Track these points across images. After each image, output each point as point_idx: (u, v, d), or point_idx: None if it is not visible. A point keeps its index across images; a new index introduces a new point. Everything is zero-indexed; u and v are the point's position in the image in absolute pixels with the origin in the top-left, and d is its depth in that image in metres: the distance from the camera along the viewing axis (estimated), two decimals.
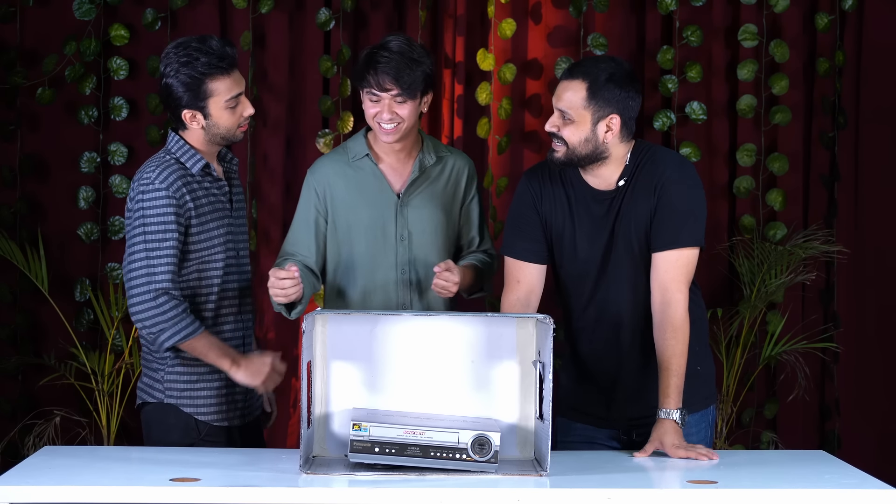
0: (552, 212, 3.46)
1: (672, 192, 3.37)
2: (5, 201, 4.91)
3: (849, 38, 5.01)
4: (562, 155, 3.38)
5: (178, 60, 3.41)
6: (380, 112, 3.55)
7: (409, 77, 3.51)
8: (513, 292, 3.49)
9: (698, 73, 4.95)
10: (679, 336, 3.33)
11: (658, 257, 3.38)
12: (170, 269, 3.38)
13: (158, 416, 3.49)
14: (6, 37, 4.92)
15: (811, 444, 4.97)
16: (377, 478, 2.96)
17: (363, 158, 3.67)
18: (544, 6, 4.98)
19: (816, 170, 5.04)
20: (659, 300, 3.36)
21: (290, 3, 4.96)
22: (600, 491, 2.85)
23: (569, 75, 3.37)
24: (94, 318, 4.89)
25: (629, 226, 3.40)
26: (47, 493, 2.82)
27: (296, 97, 4.98)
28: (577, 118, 3.34)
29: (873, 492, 2.88)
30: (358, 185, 3.66)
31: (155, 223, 3.39)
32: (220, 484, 2.88)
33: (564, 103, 3.35)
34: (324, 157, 3.77)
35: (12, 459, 4.60)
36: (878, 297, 5.04)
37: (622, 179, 3.41)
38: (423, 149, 3.68)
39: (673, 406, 3.28)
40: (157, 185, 3.40)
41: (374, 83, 3.52)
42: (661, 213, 3.37)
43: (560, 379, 3.59)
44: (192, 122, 3.47)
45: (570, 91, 3.35)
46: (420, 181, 3.67)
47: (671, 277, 3.36)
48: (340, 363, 3.23)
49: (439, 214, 3.67)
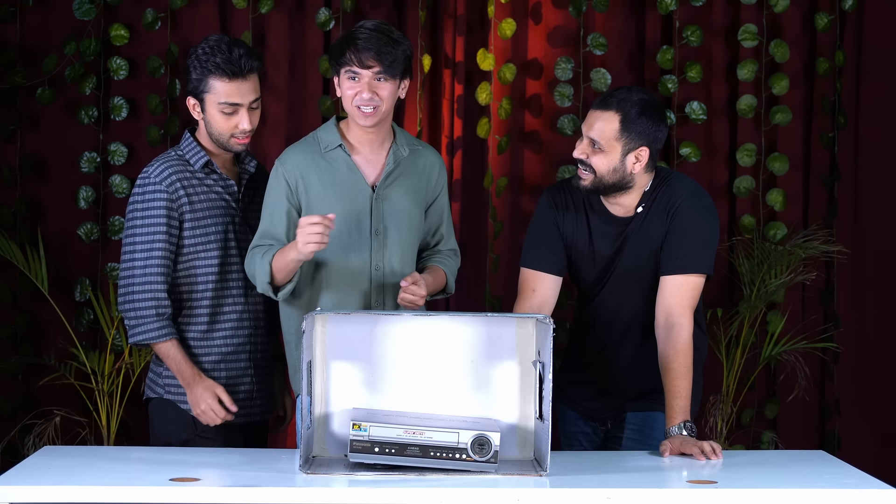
0: (573, 230, 3.56)
1: (684, 218, 3.45)
2: (5, 201, 4.90)
3: (849, 38, 5.01)
4: (588, 183, 3.46)
5: (203, 49, 3.53)
6: (360, 92, 3.47)
7: (391, 54, 3.46)
8: (526, 300, 3.56)
9: (698, 73, 4.95)
10: (682, 360, 3.39)
11: (665, 281, 3.45)
12: (156, 264, 3.51)
13: (159, 410, 3.60)
14: (6, 37, 4.92)
15: (811, 444, 4.97)
16: (377, 478, 2.96)
17: (336, 149, 3.58)
18: (544, 6, 4.98)
19: (816, 170, 5.03)
20: (663, 323, 3.43)
21: (290, 3, 4.96)
22: (600, 491, 2.85)
23: (602, 105, 3.44)
24: (94, 318, 4.89)
25: (636, 249, 3.49)
26: (47, 493, 2.82)
27: (296, 97, 4.97)
28: (607, 148, 3.41)
29: (873, 492, 2.88)
30: (331, 176, 3.56)
31: (143, 217, 3.52)
32: (220, 484, 2.89)
33: (596, 133, 3.42)
34: (293, 147, 3.64)
35: (12, 459, 4.60)
36: (878, 297, 5.04)
37: (640, 206, 3.49)
38: (396, 140, 3.61)
39: (678, 422, 3.35)
40: (153, 178, 3.55)
41: (356, 60, 3.45)
42: (672, 237, 3.46)
43: (559, 369, 3.72)
44: (194, 111, 3.59)
45: (602, 121, 3.42)
46: (395, 174, 3.60)
47: (676, 302, 3.43)
48: (340, 363, 3.23)
49: (414, 209, 3.61)
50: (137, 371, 4.73)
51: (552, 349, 3.02)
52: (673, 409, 3.36)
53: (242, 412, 3.57)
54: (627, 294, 3.55)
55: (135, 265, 3.53)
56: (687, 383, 3.38)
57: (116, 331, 4.76)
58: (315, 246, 3.33)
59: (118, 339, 4.78)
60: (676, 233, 3.45)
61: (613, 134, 3.41)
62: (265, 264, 3.47)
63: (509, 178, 4.95)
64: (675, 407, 3.36)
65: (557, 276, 3.57)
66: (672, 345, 3.40)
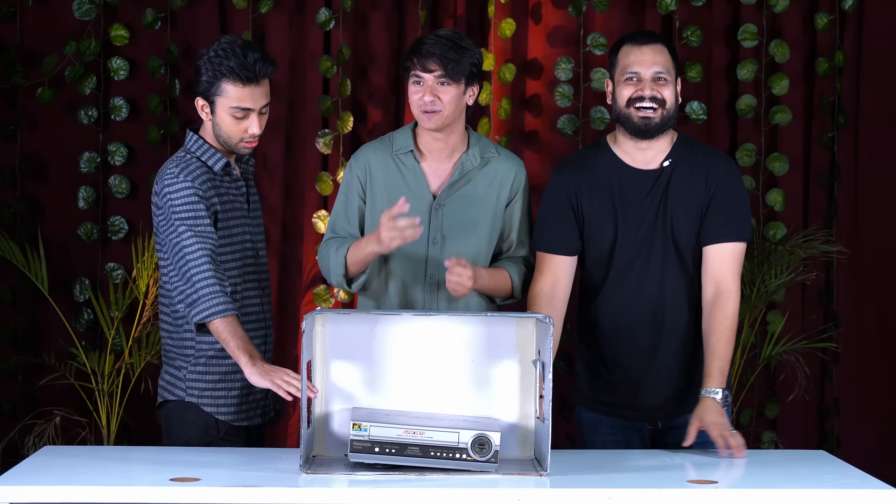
0: (591, 200, 3.52)
1: (730, 186, 3.49)
2: (5, 201, 4.91)
3: (849, 39, 5.01)
4: (659, 118, 3.48)
5: (215, 51, 3.45)
6: (422, 95, 3.51)
7: (454, 60, 3.49)
8: (538, 283, 3.53)
9: (698, 73, 4.95)
10: (728, 323, 3.39)
11: (712, 249, 3.46)
12: (210, 250, 3.36)
13: (179, 413, 3.49)
14: (6, 37, 4.92)
15: (811, 444, 4.97)
16: (377, 478, 2.96)
17: (407, 153, 3.61)
18: (544, 6, 4.98)
19: (816, 170, 5.03)
20: (712, 291, 3.43)
21: (290, 3, 4.96)
22: (600, 491, 2.85)
23: (650, 40, 3.51)
24: (94, 318, 4.89)
25: (676, 210, 3.47)
26: (47, 493, 2.82)
27: (296, 97, 4.97)
28: (670, 79, 3.48)
29: (873, 492, 2.88)
30: (396, 179, 3.60)
31: (186, 210, 3.39)
32: (220, 484, 2.88)
33: (662, 64, 3.48)
34: (367, 145, 3.70)
35: (12, 459, 4.60)
36: (878, 297, 5.04)
37: (667, 160, 3.50)
38: (469, 149, 3.62)
39: (715, 385, 3.34)
40: (182, 178, 3.41)
41: (419, 64, 3.50)
42: (719, 205, 3.47)
43: (580, 371, 3.63)
44: (202, 112, 3.51)
45: (659, 54, 3.49)
46: (459, 184, 3.60)
47: (727, 270, 3.44)
48: (340, 363, 3.23)
49: (476, 218, 3.60)
50: (137, 371, 4.73)
51: (552, 349, 3.03)
52: (712, 368, 3.34)
53: (259, 412, 3.57)
54: (668, 263, 3.49)
55: (188, 253, 3.34)
56: (729, 347, 3.38)
57: (116, 331, 4.77)
58: (399, 241, 3.39)
59: (118, 339, 4.78)
60: (725, 201, 3.47)
61: (670, 64, 3.50)
62: (340, 258, 3.53)
63: None
64: (714, 367, 3.34)
65: (570, 257, 3.54)
66: (721, 309, 3.39)
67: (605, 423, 3.57)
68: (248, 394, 3.51)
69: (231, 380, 3.48)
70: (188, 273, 3.34)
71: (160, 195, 3.43)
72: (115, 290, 4.81)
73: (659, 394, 3.52)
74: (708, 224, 3.47)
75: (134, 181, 4.94)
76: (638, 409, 3.53)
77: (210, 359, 3.46)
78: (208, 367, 3.47)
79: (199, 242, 3.36)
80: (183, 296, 3.35)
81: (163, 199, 3.42)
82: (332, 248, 3.57)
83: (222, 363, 3.46)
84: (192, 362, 3.47)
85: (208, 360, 3.46)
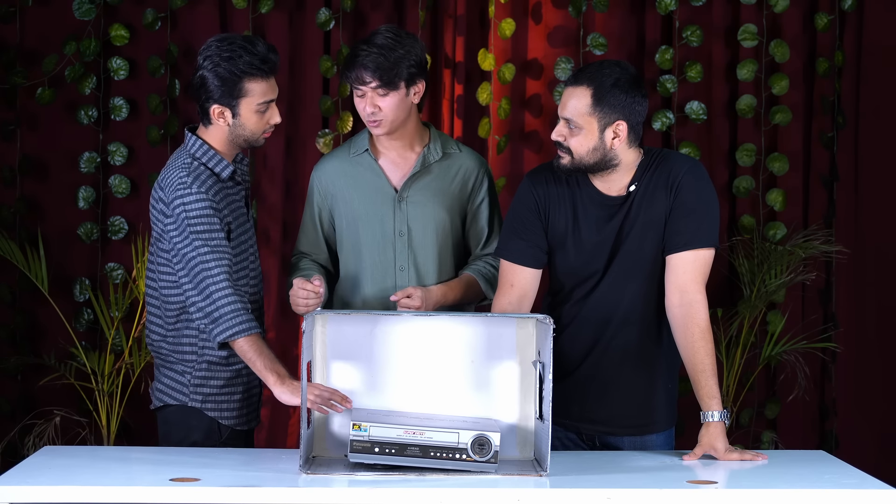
0: (556, 212, 3.39)
1: (688, 191, 3.31)
2: (5, 201, 4.91)
3: (848, 38, 5.01)
4: (567, 163, 3.31)
5: (220, 55, 3.35)
6: (364, 106, 3.55)
7: (387, 68, 3.49)
8: (505, 296, 3.41)
9: (698, 73, 4.95)
10: (707, 336, 3.27)
11: (675, 259, 3.31)
12: (227, 264, 3.31)
13: (180, 417, 3.46)
14: (6, 37, 4.92)
15: (811, 444, 4.97)
16: (377, 478, 2.96)
17: (363, 154, 3.66)
18: (544, 6, 4.98)
19: (816, 170, 5.04)
20: (677, 302, 3.30)
21: (290, 3, 4.96)
22: (600, 491, 2.85)
23: (573, 82, 3.30)
24: (94, 318, 4.89)
25: (642, 229, 3.33)
26: (47, 493, 2.82)
27: (296, 97, 4.97)
28: (583, 125, 3.26)
29: (873, 492, 2.88)
30: (356, 180, 3.65)
31: (202, 223, 3.32)
32: (220, 484, 2.88)
33: (570, 111, 3.27)
34: (327, 155, 3.77)
35: (12, 459, 4.60)
36: (878, 297, 5.04)
37: (633, 184, 3.34)
38: (430, 144, 3.66)
39: (717, 408, 3.23)
40: (196, 189, 3.32)
41: (354, 77, 3.53)
42: (678, 212, 3.31)
43: None
44: (219, 119, 3.40)
45: (574, 98, 3.27)
46: (420, 176, 3.64)
47: (690, 278, 3.30)
48: (340, 363, 3.23)
49: (442, 212, 3.64)
50: (137, 371, 4.73)
51: (552, 349, 3.02)
52: (710, 388, 3.23)
53: (255, 415, 3.56)
54: (628, 281, 3.36)
55: (205, 269, 3.28)
56: (714, 360, 3.26)
57: (116, 331, 4.77)
58: (304, 309, 3.44)
59: (118, 339, 4.78)
60: (683, 207, 3.31)
61: (586, 109, 3.26)
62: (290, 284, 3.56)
63: (509, 178, 4.95)
64: (710, 386, 3.23)
65: (536, 270, 3.41)
66: (695, 322, 3.26)
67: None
68: (249, 397, 3.51)
69: (235, 384, 3.47)
70: (207, 290, 3.28)
71: (170, 204, 3.34)
72: (115, 290, 4.81)
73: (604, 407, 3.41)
74: (668, 233, 3.32)
75: (134, 181, 4.94)
76: (586, 420, 3.43)
77: (212, 364, 3.45)
78: (212, 373, 3.45)
79: (217, 259, 3.30)
80: (202, 313, 3.29)
81: (174, 209, 3.33)
82: (292, 271, 3.70)
83: (226, 369, 3.46)
84: (194, 367, 3.45)
85: (210, 366, 3.45)
